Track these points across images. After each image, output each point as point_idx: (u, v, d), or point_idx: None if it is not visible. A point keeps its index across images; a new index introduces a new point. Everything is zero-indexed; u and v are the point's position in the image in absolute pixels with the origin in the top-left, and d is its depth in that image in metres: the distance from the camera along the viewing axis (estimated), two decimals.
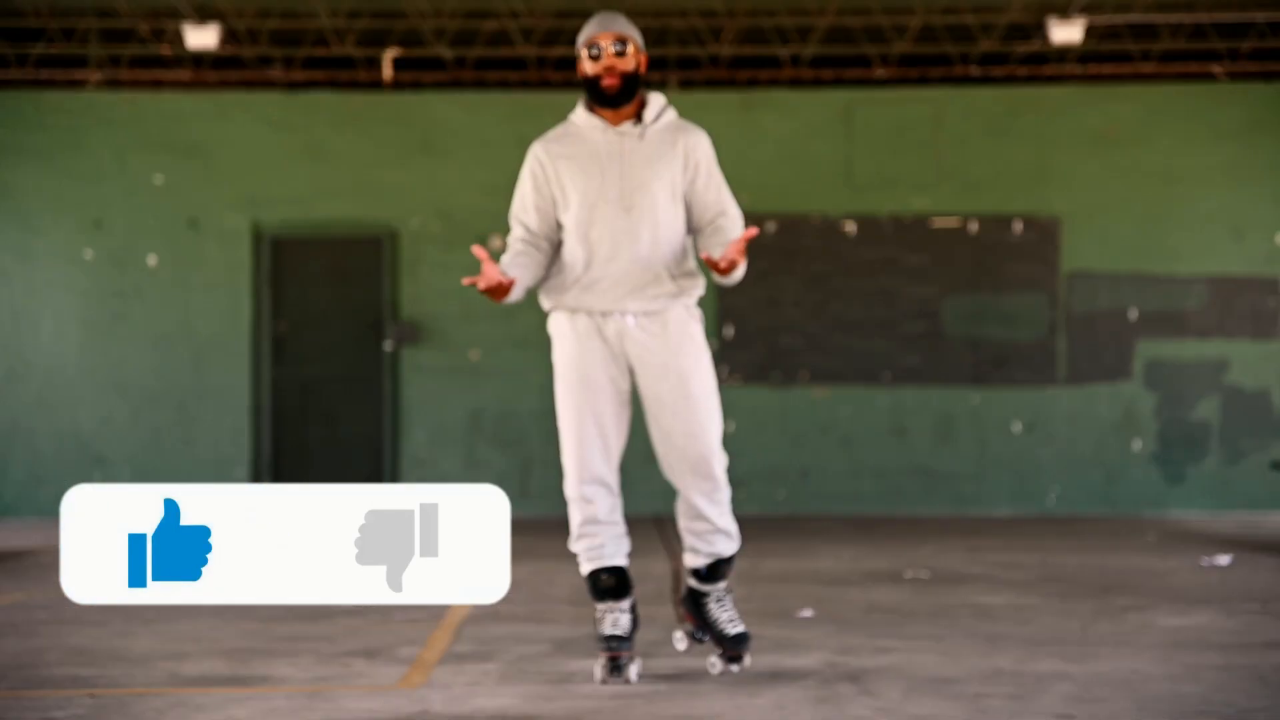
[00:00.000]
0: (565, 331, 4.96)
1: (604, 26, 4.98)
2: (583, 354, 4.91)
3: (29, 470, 12.49)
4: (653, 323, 4.91)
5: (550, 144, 5.03)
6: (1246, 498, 12.48)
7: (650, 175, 4.89)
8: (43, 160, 12.53)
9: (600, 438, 4.90)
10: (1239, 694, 4.68)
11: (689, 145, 4.94)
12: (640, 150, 4.92)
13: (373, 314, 12.59)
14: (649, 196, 4.88)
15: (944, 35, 12.24)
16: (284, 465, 12.58)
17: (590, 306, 4.91)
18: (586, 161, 4.93)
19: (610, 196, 4.89)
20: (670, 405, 4.90)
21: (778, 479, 12.57)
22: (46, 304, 12.52)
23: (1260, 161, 12.56)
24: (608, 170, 4.90)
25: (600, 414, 4.90)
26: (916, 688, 4.78)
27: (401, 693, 4.80)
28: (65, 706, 4.60)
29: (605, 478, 4.92)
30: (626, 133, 4.94)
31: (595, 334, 4.92)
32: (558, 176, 4.96)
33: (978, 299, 12.57)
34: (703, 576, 5.03)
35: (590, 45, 4.98)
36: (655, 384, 4.91)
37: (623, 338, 4.91)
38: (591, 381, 4.90)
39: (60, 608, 6.92)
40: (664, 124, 4.97)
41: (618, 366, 4.94)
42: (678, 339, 4.91)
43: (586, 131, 4.98)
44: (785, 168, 12.52)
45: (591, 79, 4.97)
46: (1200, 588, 7.41)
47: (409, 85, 12.82)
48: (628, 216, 4.87)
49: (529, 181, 5.02)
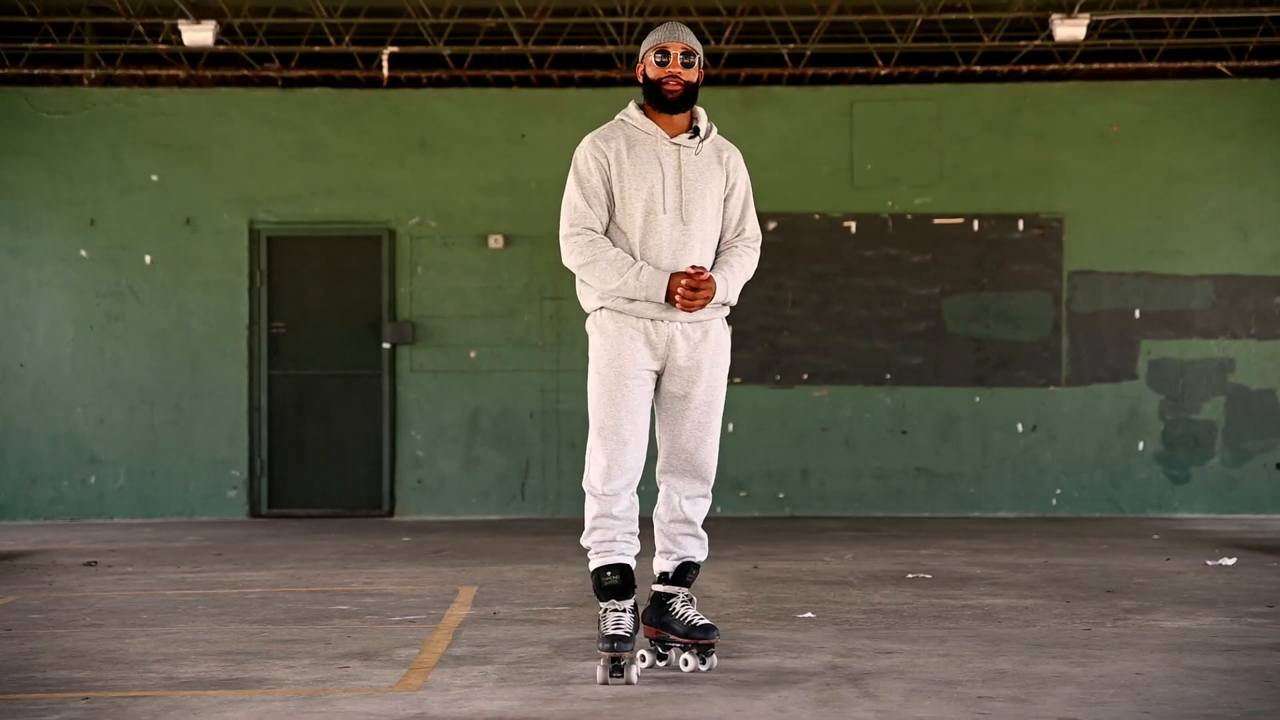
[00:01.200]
0: (610, 330, 5.06)
1: (675, 36, 5.09)
2: (628, 354, 5.04)
3: (23, 471, 12.44)
4: (695, 331, 5.09)
5: (609, 142, 5.10)
6: (1252, 499, 12.43)
7: (704, 190, 5.08)
8: (37, 158, 12.48)
9: (638, 438, 5.06)
10: (1244, 697, 4.66)
11: (731, 164, 5.17)
12: (695, 164, 5.09)
13: (370, 313, 12.54)
14: (702, 210, 5.07)
15: (946, 32, 12.19)
16: (280, 465, 12.53)
17: (642, 312, 5.03)
18: (647, 168, 5.06)
19: (669, 206, 5.03)
20: (692, 409, 5.10)
21: (779, 480, 12.53)
22: (41, 303, 12.47)
23: (1266, 159, 12.51)
24: (668, 180, 5.05)
25: (637, 413, 5.05)
26: (918, 690, 4.76)
27: (399, 695, 4.76)
28: (60, 710, 4.57)
29: (636, 477, 5.08)
30: (684, 145, 5.09)
31: (641, 335, 5.04)
32: (618, 175, 5.06)
33: (980, 298, 12.53)
34: (669, 579, 5.19)
35: (659, 51, 5.07)
36: (684, 386, 5.09)
37: (670, 343, 5.06)
38: (633, 383, 5.05)
39: (54, 610, 6.89)
40: (711, 140, 5.17)
41: (657, 368, 5.10)
42: (714, 350, 5.12)
43: (644, 137, 5.09)
44: (786, 166, 12.48)
45: (654, 83, 5.08)
46: (1205, 589, 7.38)
47: (406, 83, 12.77)
48: (684, 228, 5.04)
49: (593, 177, 5.07)
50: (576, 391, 12.38)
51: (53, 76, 12.59)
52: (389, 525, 11.84)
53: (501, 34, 12.24)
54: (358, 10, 11.86)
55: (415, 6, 11.65)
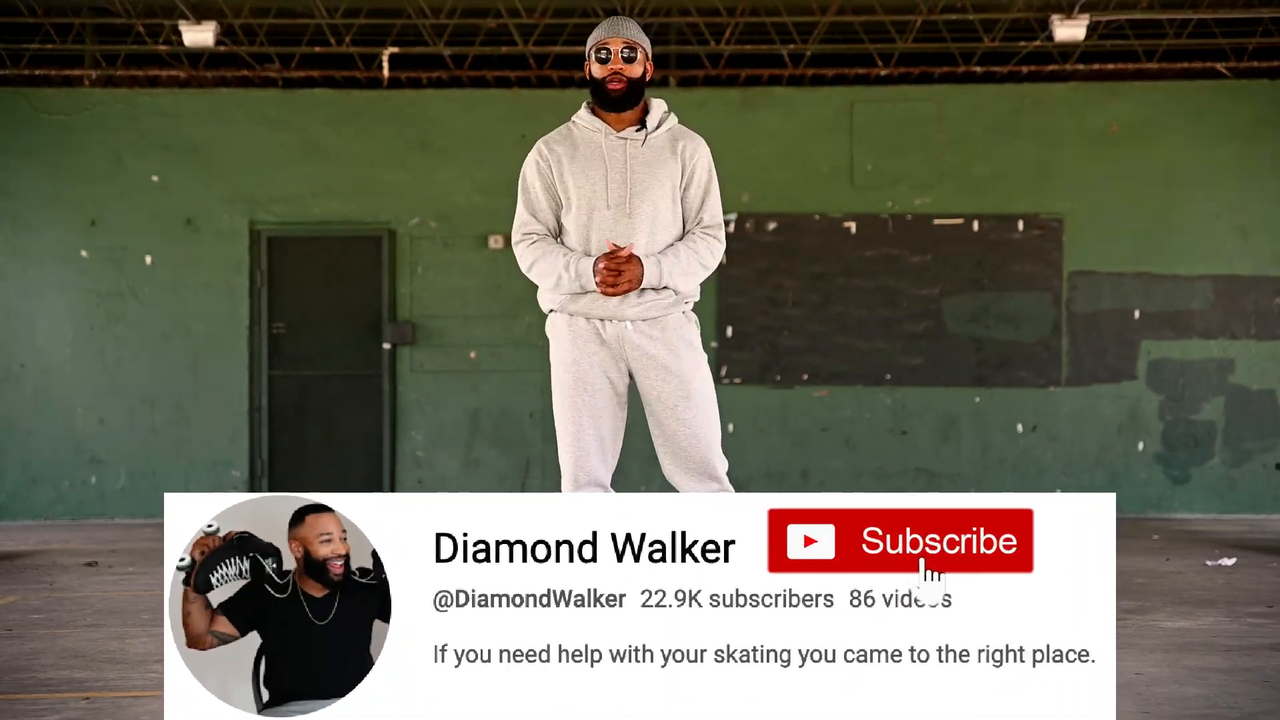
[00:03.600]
0: (563, 333, 4.99)
1: (615, 32, 4.99)
2: (581, 356, 4.94)
3: (24, 471, 12.44)
4: (652, 327, 4.96)
5: (552, 144, 5.05)
6: (1251, 499, 12.43)
7: (651, 181, 4.96)
8: (38, 159, 12.48)
9: (598, 439, 4.93)
10: (1244, 697, 4.65)
11: (688, 152, 5.02)
12: (641, 156, 4.98)
13: (371, 313, 12.55)
14: (649, 202, 4.95)
15: (946, 33, 12.19)
16: (281, 466, 12.53)
17: (589, 311, 4.95)
18: (588, 164, 4.97)
19: (612, 200, 4.94)
20: (672, 407, 4.94)
21: (779, 480, 12.53)
22: (42, 304, 12.47)
23: (1266, 160, 12.50)
24: (610, 174, 4.95)
25: (598, 415, 4.93)
26: None
27: None
28: (60, 710, 4.56)
29: (602, 479, 4.94)
30: (629, 138, 4.99)
31: (594, 336, 4.95)
32: (560, 176, 5.00)
33: (980, 298, 12.53)
34: None
35: (599, 49, 4.98)
36: (657, 386, 4.94)
37: (622, 341, 4.95)
38: (589, 383, 4.93)
39: (55, 610, 6.88)
40: (665, 130, 5.04)
41: (617, 369, 4.97)
42: (675, 343, 4.96)
43: (589, 134, 5.01)
44: (786, 166, 12.48)
45: (598, 81, 4.99)
46: (1205, 589, 7.37)
47: (407, 83, 12.77)
48: (628, 221, 4.93)
49: (538, 181, 5.05)
50: None
51: (53, 77, 12.59)
52: None
53: (502, 34, 12.25)
54: (358, 11, 11.86)
55: (415, 7, 11.65)
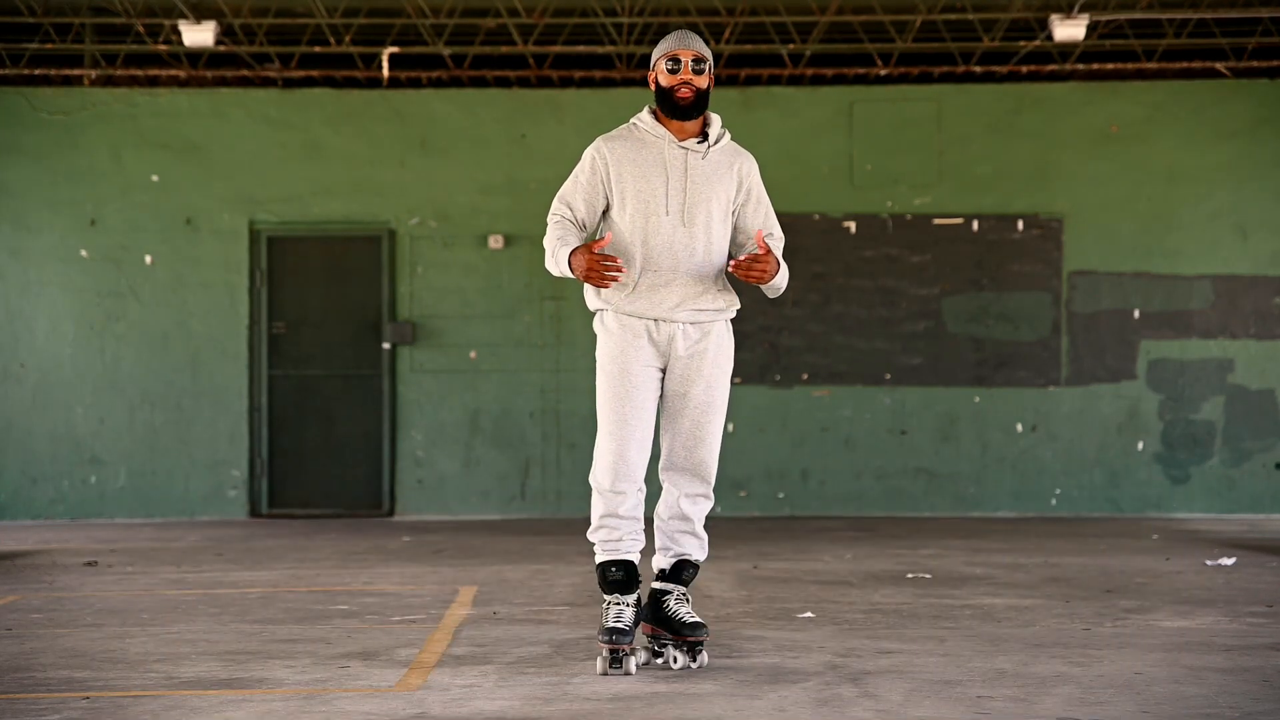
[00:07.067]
0: (614, 330, 5.16)
1: (685, 44, 5.17)
2: (632, 353, 5.13)
3: (24, 471, 12.44)
4: (697, 331, 5.17)
5: (615, 143, 5.21)
6: (1251, 499, 12.43)
7: (710, 193, 5.15)
8: (38, 158, 12.48)
9: (641, 435, 5.13)
10: (1244, 697, 4.65)
11: (744, 170, 5.24)
12: (702, 168, 5.16)
13: (370, 313, 12.54)
14: (706, 213, 5.14)
15: (946, 32, 12.19)
16: (281, 466, 12.53)
17: (643, 312, 5.13)
18: (650, 169, 5.14)
19: (671, 208, 5.11)
20: (693, 409, 5.17)
21: (778, 480, 12.53)
22: (41, 303, 12.47)
23: (1265, 159, 12.51)
24: (671, 183, 5.12)
25: (643, 411, 5.13)
26: (918, 690, 4.76)
27: (399, 695, 4.76)
28: (60, 710, 4.56)
29: (641, 474, 5.14)
30: (691, 149, 5.16)
31: (644, 334, 5.14)
32: (619, 177, 5.15)
33: (980, 298, 12.53)
34: (666, 576, 5.25)
35: (670, 59, 5.16)
36: (685, 385, 5.16)
37: (672, 342, 5.14)
38: (637, 380, 5.13)
39: (55, 610, 6.89)
40: (722, 145, 5.23)
41: (659, 365, 5.18)
42: (716, 352, 5.19)
43: (653, 140, 5.18)
44: (786, 166, 12.47)
45: (666, 90, 5.16)
46: (1205, 589, 7.38)
47: (407, 83, 12.77)
48: (686, 231, 5.12)
49: (587, 173, 5.20)
50: (576, 391, 12.38)
51: (53, 77, 12.59)
52: (389, 525, 11.84)
53: (501, 34, 12.24)
54: (358, 11, 11.86)
55: (415, 7, 11.65)
